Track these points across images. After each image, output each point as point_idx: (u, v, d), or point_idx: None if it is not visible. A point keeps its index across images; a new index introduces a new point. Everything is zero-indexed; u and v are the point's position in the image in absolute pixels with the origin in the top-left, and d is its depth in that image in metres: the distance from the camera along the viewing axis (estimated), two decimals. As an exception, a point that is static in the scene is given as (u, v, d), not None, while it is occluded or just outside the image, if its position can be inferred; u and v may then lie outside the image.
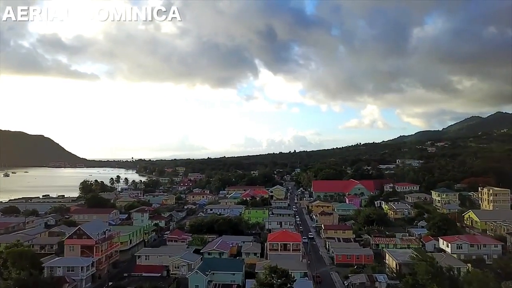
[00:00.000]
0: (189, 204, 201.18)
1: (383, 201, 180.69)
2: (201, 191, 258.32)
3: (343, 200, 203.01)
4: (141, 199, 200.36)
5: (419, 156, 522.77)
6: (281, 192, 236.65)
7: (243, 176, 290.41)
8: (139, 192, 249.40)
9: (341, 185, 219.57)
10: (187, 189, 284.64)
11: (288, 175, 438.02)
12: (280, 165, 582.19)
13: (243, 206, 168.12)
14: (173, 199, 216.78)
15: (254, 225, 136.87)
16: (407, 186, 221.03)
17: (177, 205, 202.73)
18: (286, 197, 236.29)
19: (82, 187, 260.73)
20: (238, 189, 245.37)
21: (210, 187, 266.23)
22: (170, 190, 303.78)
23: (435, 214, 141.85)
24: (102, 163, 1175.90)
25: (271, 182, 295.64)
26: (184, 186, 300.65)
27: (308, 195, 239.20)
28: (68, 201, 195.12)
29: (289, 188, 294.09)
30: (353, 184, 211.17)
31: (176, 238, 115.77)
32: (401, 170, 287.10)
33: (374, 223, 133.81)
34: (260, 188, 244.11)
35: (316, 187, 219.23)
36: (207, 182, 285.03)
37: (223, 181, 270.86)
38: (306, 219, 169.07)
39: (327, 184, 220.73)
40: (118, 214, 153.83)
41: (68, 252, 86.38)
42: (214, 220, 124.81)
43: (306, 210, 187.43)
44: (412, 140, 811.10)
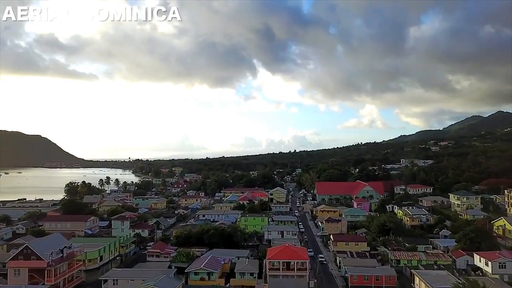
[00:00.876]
0: (180, 208, 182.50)
1: (395, 206, 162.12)
2: (195, 193, 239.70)
3: (350, 204, 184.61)
4: (127, 203, 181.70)
5: (424, 155, 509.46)
6: (282, 195, 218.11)
7: (241, 177, 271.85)
8: (128, 195, 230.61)
9: (347, 187, 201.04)
10: (181, 191, 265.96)
11: (289, 175, 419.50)
12: (280, 165, 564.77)
13: (240, 211, 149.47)
14: (163, 203, 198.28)
15: (251, 235, 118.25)
16: (420, 188, 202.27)
17: (168, 209, 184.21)
18: (287, 200, 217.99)
19: (67, 189, 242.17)
20: (235, 191, 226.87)
21: (206, 189, 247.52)
22: (163, 192, 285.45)
23: (460, 221, 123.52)
24: (99, 163, 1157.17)
25: (271, 183, 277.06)
26: (178, 187, 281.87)
27: (311, 197, 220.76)
28: (47, 206, 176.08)
29: (290, 190, 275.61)
30: (361, 186, 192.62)
31: (158, 253, 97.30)
32: (410, 170, 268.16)
33: (390, 233, 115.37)
34: (259, 190, 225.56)
35: (320, 189, 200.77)
36: (202, 183, 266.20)
37: (219, 183, 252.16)
38: (310, 226, 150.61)
39: (331, 186, 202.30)
40: (97, 222, 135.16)
41: (12, 277, 67.93)
42: (204, 231, 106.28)
43: (310, 215, 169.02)
44: (414, 139, 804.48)
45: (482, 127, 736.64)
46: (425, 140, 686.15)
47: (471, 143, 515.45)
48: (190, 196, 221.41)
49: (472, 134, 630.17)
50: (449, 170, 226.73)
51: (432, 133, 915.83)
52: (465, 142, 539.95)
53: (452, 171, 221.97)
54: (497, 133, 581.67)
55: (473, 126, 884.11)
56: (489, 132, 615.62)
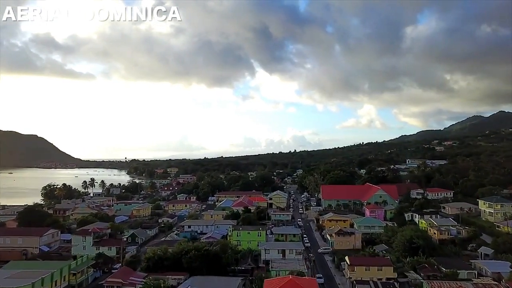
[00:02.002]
0: (166, 216, 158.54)
1: (415, 214, 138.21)
2: (186, 197, 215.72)
3: (361, 211, 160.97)
4: (103, 210, 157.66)
5: (431, 155, 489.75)
6: (282, 199, 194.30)
7: (237, 179, 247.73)
8: (110, 199, 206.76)
9: (356, 191, 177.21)
10: (171, 194, 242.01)
11: (290, 176, 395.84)
12: (280, 165, 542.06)
13: (233, 222, 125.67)
14: (148, 209, 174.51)
15: (244, 255, 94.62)
16: (439, 193, 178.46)
17: (151, 217, 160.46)
18: (289, 206, 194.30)
19: (44, 193, 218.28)
20: (230, 195, 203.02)
21: (198, 193, 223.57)
22: (153, 195, 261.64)
23: (504, 237, 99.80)
24: (95, 164, 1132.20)
25: (270, 186, 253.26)
26: (168, 190, 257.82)
27: (315, 202, 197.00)
28: (10, 213, 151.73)
29: (291, 192, 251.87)
30: (372, 190, 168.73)
31: (119, 284, 73.63)
32: (422, 172, 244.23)
33: (419, 251, 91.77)
34: (256, 194, 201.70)
35: (325, 193, 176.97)
36: (194, 186, 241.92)
37: (213, 185, 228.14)
38: (316, 239, 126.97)
39: (338, 190, 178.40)
40: (58, 235, 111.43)
41: None
42: (183, 251, 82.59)
43: (315, 225, 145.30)
44: (415, 139, 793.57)
45: (484, 127, 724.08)
46: (427, 140, 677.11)
47: (476, 143, 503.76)
48: (179, 201, 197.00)
49: (476, 134, 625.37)
50: (470, 172, 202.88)
51: (433, 133, 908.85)
52: (470, 142, 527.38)
53: (473, 173, 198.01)
54: (501, 132, 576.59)
55: (475, 126, 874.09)
56: (494, 131, 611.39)
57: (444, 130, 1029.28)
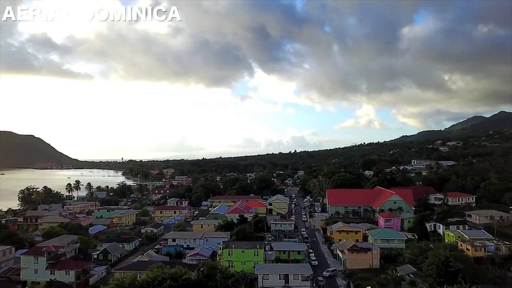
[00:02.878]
0: (150, 225, 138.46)
1: (438, 224, 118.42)
2: (177, 202, 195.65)
3: (373, 219, 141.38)
4: (78, 218, 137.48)
5: (437, 155, 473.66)
6: (283, 205, 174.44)
7: (233, 182, 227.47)
8: (93, 204, 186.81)
9: (366, 196, 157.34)
10: (162, 198, 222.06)
11: (290, 178, 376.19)
12: (280, 166, 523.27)
13: (226, 235, 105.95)
14: (132, 216, 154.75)
15: (237, 280, 75.04)
16: (460, 198, 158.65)
17: (134, 226, 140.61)
18: (290, 212, 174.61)
19: (21, 197, 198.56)
20: (225, 200, 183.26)
21: (191, 196, 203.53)
22: (143, 199, 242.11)
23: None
24: (91, 164, 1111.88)
25: (269, 189, 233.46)
26: (159, 194, 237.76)
27: (320, 207, 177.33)
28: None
29: (292, 196, 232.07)
30: (386, 195, 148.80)
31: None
32: (434, 173, 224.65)
33: (458, 276, 72.22)
34: (255, 199, 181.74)
35: (332, 198, 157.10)
36: (187, 189, 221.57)
37: (207, 189, 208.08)
38: (324, 254, 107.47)
39: (347, 195, 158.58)
40: (12, 253, 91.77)
41: None
42: (155, 281, 62.89)
43: (322, 236, 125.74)
44: (417, 139, 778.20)
45: (485, 127, 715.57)
46: (430, 140, 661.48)
47: (480, 143, 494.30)
48: (167, 207, 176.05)
49: (478, 134, 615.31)
50: (491, 174, 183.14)
51: (434, 133, 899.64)
52: (474, 142, 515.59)
53: (495, 175, 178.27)
54: (505, 133, 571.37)
55: (476, 126, 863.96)
56: (498, 132, 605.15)
57: (445, 130, 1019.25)
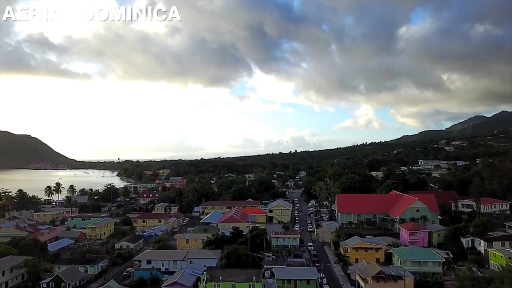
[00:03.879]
0: (126, 239, 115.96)
1: (479, 239, 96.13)
2: (166, 207, 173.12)
3: (392, 230, 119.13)
4: (39, 230, 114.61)
5: (445, 155, 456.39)
6: (285, 212, 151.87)
7: (229, 185, 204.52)
8: (69, 211, 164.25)
9: (382, 202, 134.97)
10: (150, 202, 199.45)
11: (292, 179, 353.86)
12: (280, 166, 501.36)
13: (215, 255, 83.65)
14: (110, 226, 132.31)
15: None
16: (492, 204, 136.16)
17: (107, 240, 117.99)
18: (293, 220, 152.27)
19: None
20: (220, 205, 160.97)
21: (181, 201, 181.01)
22: (131, 203, 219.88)
23: None
24: (88, 165, 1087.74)
25: (270, 192, 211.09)
26: (147, 197, 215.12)
27: (327, 214, 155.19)
28: None
29: (295, 200, 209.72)
30: (407, 202, 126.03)
31: None
32: (451, 175, 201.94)
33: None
34: (253, 205, 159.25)
35: (342, 205, 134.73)
36: (178, 193, 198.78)
37: (200, 192, 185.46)
38: (338, 278, 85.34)
39: (359, 201, 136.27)
40: None
41: None
42: None
43: (334, 252, 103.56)
44: (420, 139, 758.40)
45: (487, 127, 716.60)
46: (434, 139, 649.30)
47: (486, 143, 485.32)
48: (152, 215, 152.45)
49: (482, 133, 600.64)
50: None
51: (435, 133, 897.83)
52: (480, 142, 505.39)
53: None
54: (510, 132, 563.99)
55: (477, 126, 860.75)
56: (503, 131, 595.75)
57: (446, 130, 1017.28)
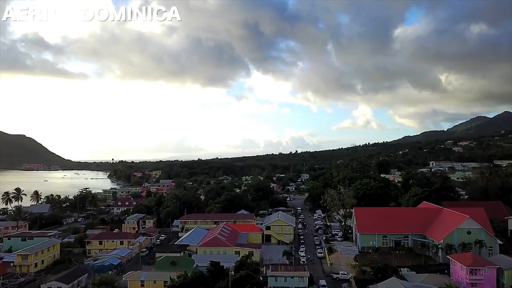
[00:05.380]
0: (65, 273, 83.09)
1: None
2: (139, 220, 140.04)
3: (434, 259, 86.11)
4: None
5: (458, 157, 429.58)
6: (287, 229, 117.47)
7: (219, 192, 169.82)
8: (16, 226, 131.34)
9: (412, 217, 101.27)
10: (124, 213, 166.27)
11: (293, 182, 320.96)
12: (280, 168, 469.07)
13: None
14: (54, 250, 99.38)
15: None
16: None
17: (33, 276, 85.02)
18: (297, 238, 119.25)
19: None
20: (204, 219, 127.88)
21: (159, 212, 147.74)
22: (105, 212, 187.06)
23: None
24: (82, 165, 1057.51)
25: (268, 199, 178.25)
26: (123, 206, 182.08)
27: (340, 231, 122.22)
28: None
29: (298, 210, 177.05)
30: (450, 219, 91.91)
31: None
32: (485, 179, 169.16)
33: None
34: (246, 219, 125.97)
35: (363, 222, 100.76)
36: (157, 201, 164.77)
37: (183, 202, 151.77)
38: None
39: (383, 216, 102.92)
40: None
41: None
42: None
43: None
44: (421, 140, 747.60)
45: (490, 128, 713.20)
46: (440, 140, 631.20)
47: (496, 143, 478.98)
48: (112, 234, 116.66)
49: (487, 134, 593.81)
50: None
51: (437, 134, 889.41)
52: (489, 142, 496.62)
53: None
54: None
55: (480, 127, 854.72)
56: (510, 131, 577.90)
57: (448, 131, 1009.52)
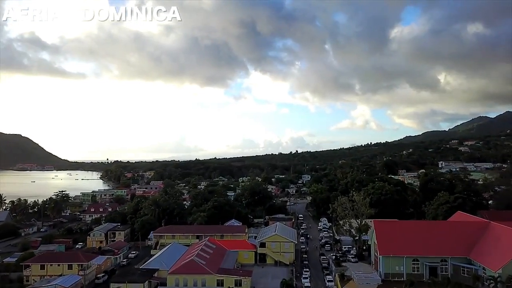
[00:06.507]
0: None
1: None
2: (107, 232, 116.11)
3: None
4: None
5: (468, 157, 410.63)
6: (285, 246, 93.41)
7: (208, 196, 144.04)
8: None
9: (452, 236, 77.50)
10: (95, 221, 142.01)
11: (293, 185, 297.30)
12: (280, 168, 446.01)
13: None
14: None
15: None
16: None
17: None
18: (300, 257, 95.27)
19: None
20: (185, 233, 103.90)
21: (134, 222, 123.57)
22: (77, 219, 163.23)
23: None
24: (76, 165, 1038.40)
25: (264, 205, 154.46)
26: (97, 212, 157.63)
27: (352, 247, 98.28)
28: None
29: (299, 218, 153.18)
30: (505, 238, 68.83)
31: None
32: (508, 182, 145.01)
33: None
34: (236, 233, 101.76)
35: (385, 241, 75.46)
36: (134, 208, 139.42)
37: (163, 209, 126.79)
38: None
39: (411, 232, 78.51)
40: None
41: None
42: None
43: None
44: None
45: (492, 128, 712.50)
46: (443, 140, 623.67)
47: (503, 143, 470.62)
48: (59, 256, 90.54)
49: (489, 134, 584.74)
50: None
51: (439, 134, 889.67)
52: (497, 142, 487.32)
53: None
54: None
55: (483, 127, 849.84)
56: None
57: (449, 131, 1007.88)
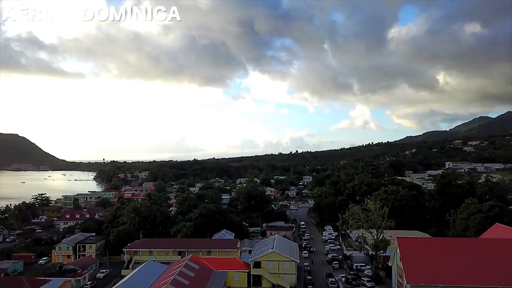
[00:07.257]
0: None
1: None
2: (77, 244, 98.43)
3: None
4: None
5: (476, 157, 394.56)
6: (285, 266, 75.13)
7: (196, 202, 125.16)
8: None
9: (494, 256, 60.06)
10: (68, 230, 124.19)
11: (294, 186, 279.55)
12: (280, 169, 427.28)
13: None
14: None
15: None
16: None
17: None
18: (303, 277, 77.41)
19: None
20: (164, 249, 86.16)
21: (109, 232, 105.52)
22: (52, 226, 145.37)
23: None
24: (72, 166, 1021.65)
25: (262, 210, 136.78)
26: (72, 219, 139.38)
27: (366, 265, 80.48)
28: None
29: (300, 225, 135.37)
30: None
31: None
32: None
33: None
34: (226, 248, 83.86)
35: (413, 266, 58.33)
36: (113, 216, 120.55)
37: (143, 217, 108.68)
38: None
39: (444, 253, 61.18)
40: None
41: None
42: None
43: None
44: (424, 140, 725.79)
45: (494, 128, 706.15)
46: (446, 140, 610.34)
47: (508, 143, 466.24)
48: None
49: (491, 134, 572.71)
50: None
51: (440, 134, 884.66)
52: (503, 142, 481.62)
53: None
54: None
55: (484, 127, 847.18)
56: None
57: (450, 131, 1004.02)
